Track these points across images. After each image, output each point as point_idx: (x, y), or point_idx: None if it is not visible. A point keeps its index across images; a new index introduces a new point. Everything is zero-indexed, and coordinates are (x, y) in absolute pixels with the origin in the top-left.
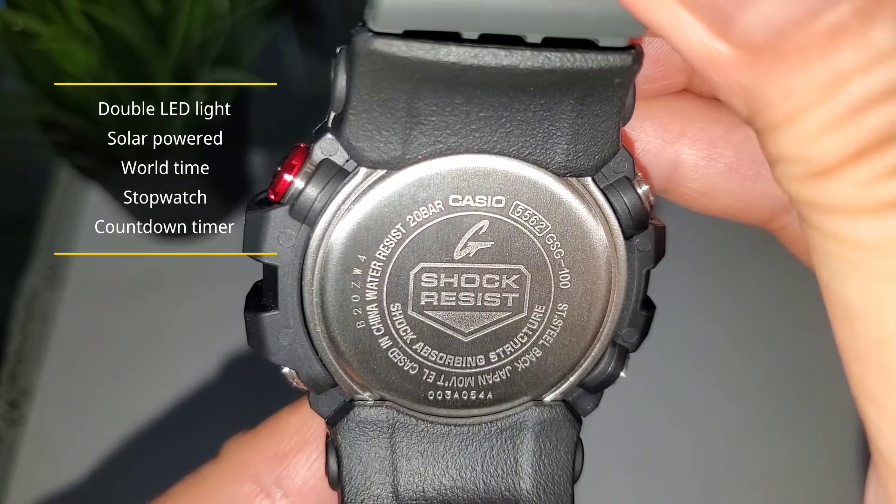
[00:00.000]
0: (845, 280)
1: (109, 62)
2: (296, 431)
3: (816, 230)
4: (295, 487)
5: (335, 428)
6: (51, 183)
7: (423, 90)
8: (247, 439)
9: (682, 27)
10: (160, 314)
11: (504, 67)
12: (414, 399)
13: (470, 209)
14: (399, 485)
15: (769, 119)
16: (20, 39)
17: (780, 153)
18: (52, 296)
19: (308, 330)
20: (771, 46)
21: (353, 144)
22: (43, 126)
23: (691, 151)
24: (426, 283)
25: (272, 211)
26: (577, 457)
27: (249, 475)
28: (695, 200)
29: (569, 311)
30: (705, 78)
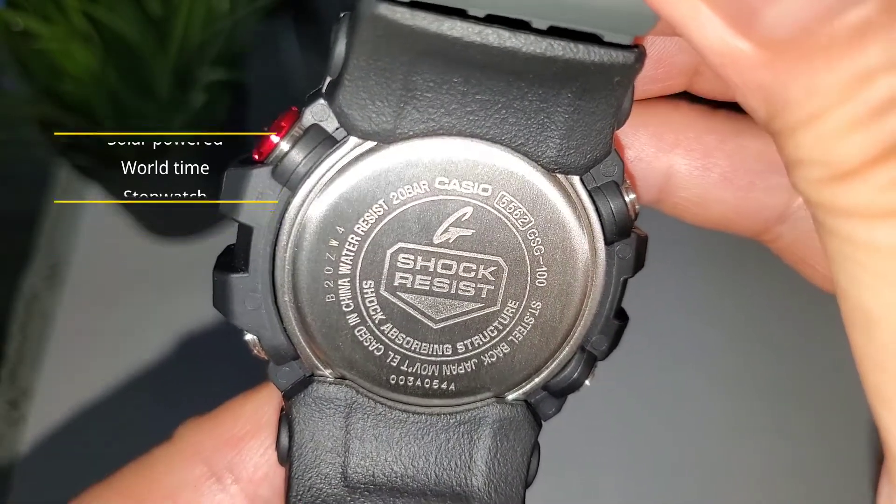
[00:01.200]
0: (864, 286)
1: (109, 62)
2: (251, 417)
3: (834, 235)
4: (247, 473)
5: (291, 401)
6: (51, 183)
7: (422, 63)
8: (201, 423)
9: (702, 23)
10: (160, 314)
11: (506, 49)
12: (375, 381)
13: (455, 194)
14: (349, 466)
15: (789, 119)
16: (20, 39)
17: (799, 155)
18: (52, 296)
19: (276, 297)
20: (794, 44)
21: (344, 111)
22: (43, 126)
23: (685, 161)
24: (402, 263)
25: (254, 169)
26: (532, 460)
27: (201, 459)
28: (688, 211)
29: (542, 310)
30: (722, 78)
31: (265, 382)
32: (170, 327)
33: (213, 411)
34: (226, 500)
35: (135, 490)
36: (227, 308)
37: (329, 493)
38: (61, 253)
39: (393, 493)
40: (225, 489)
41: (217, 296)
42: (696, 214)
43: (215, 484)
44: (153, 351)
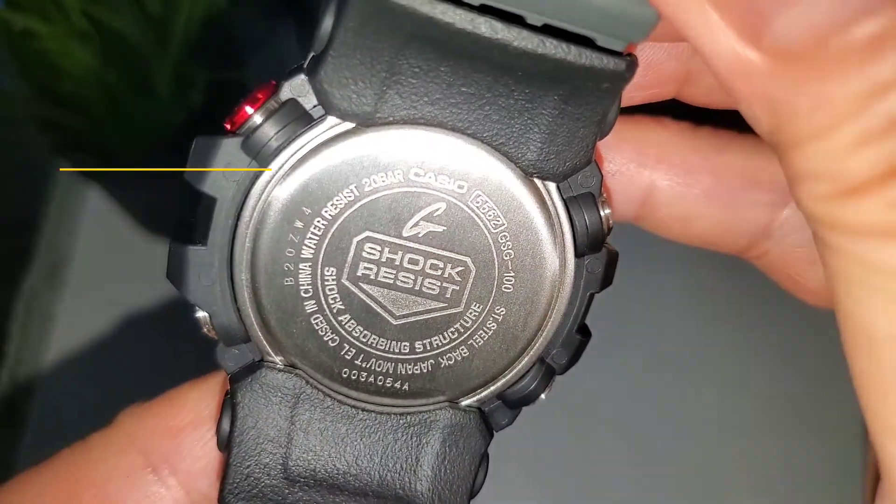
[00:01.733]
0: (870, 307)
1: (109, 62)
2: (193, 407)
3: (838, 254)
4: (184, 465)
5: (237, 385)
6: (51, 183)
7: (410, 47)
8: (142, 410)
9: (712, 31)
10: (160, 314)
11: (498, 41)
12: (326, 373)
13: (430, 187)
14: (290, 458)
15: (797, 132)
16: (20, 39)
17: (806, 169)
18: (52, 296)
19: (232, 274)
20: (805, 54)
21: (325, 88)
22: (43, 126)
23: (667, 177)
24: (368, 253)
25: (224, 139)
26: (480, 471)
27: (138, 448)
28: (672, 227)
29: (505, 317)
30: (728, 87)
31: (212, 372)
32: (170, 327)
33: (156, 398)
34: (161, 491)
35: (66, 477)
36: (180, 281)
37: (267, 484)
38: (61, 253)
39: (333, 490)
40: (161, 480)
41: (171, 267)
42: (679, 231)
43: (152, 475)
44: (153, 351)
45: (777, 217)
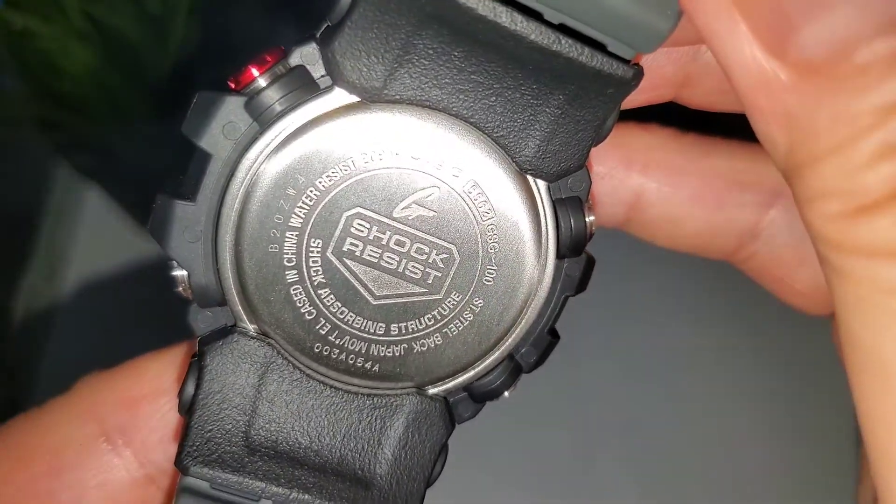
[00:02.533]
0: (882, 331)
1: (109, 61)
2: (153, 378)
3: (848, 276)
4: (140, 437)
5: (206, 348)
6: (51, 183)
7: (428, 28)
8: (100, 379)
9: (738, 40)
10: (160, 314)
11: (515, 33)
12: (299, 346)
13: (426, 171)
14: (253, 427)
15: (814, 148)
16: (20, 39)
17: (820, 188)
18: (52, 296)
19: (217, 235)
20: (829, 67)
21: (336, 59)
22: (43, 126)
23: (655, 179)
24: (356, 229)
25: (228, 96)
26: (438, 460)
27: (95, 416)
28: (660, 230)
29: (482, 309)
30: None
31: (174, 344)
32: (170, 327)
33: (116, 367)
34: (115, 461)
35: (18, 442)
36: (163, 235)
37: (227, 450)
38: (61, 252)
39: (293, 463)
40: (116, 451)
41: (155, 220)
42: (668, 234)
43: (105, 444)
44: (153, 350)
45: (764, 218)
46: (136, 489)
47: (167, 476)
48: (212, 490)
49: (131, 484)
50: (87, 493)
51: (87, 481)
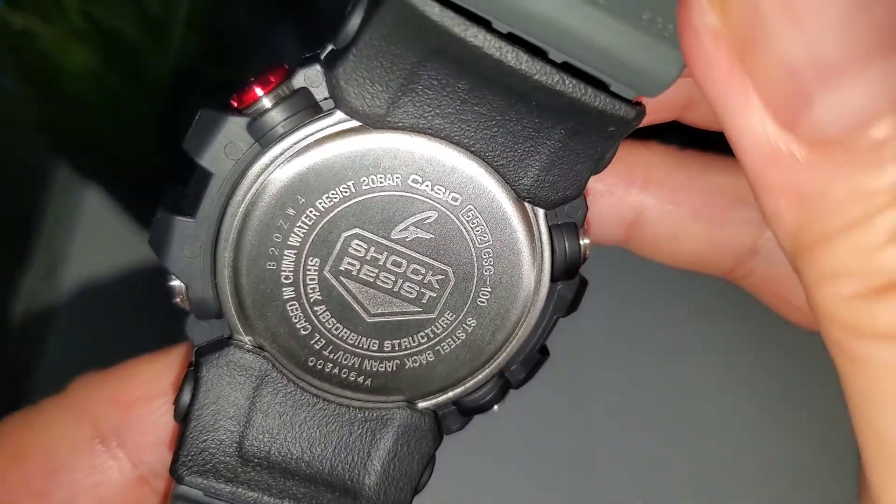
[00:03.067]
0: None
1: (109, 62)
2: (149, 380)
3: (863, 362)
4: (134, 439)
5: (203, 359)
6: (50, 183)
7: (433, 60)
8: (96, 379)
9: (749, 111)
10: (159, 315)
11: (520, 71)
12: (293, 359)
13: (425, 195)
14: (247, 438)
15: (827, 226)
16: (19, 39)
17: (831, 269)
18: (52, 296)
19: (216, 251)
20: (844, 140)
21: (341, 84)
22: (42, 126)
23: (655, 196)
24: (354, 250)
25: (231, 117)
26: (426, 472)
27: (89, 417)
28: (660, 247)
29: (475, 329)
30: (756, 177)
31: (170, 346)
32: (168, 328)
33: (112, 368)
34: (108, 463)
35: (12, 440)
36: (163, 250)
37: (220, 461)
38: (61, 253)
39: (285, 474)
40: (109, 452)
41: (156, 235)
42: (668, 251)
43: (99, 445)
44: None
45: (763, 234)
46: (129, 490)
47: (160, 478)
48: (205, 498)
49: (125, 485)
50: (80, 493)
51: (80, 482)
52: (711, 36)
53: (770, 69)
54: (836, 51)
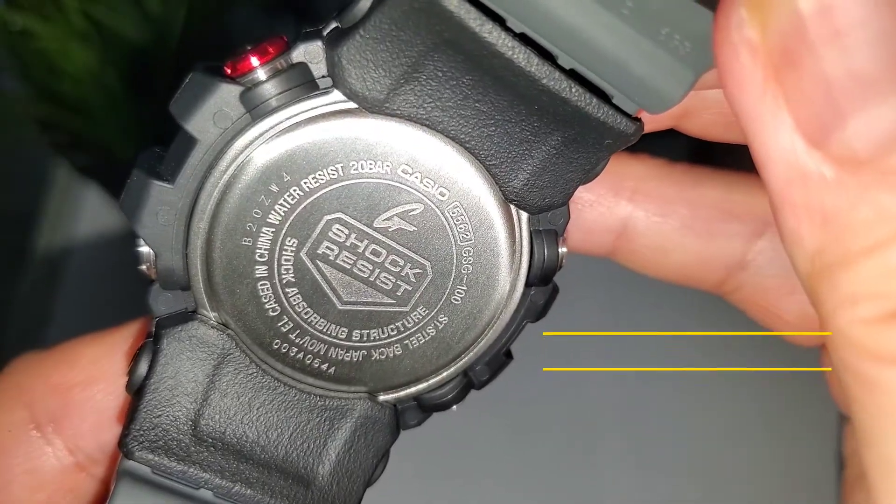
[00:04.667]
0: None
1: (109, 61)
2: (89, 364)
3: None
4: (71, 425)
5: (164, 331)
6: (50, 183)
7: (442, 52)
8: (34, 362)
9: (779, 129)
10: None
11: (529, 73)
12: (258, 340)
13: (413, 187)
14: (202, 416)
15: (850, 248)
16: (19, 39)
17: (853, 291)
18: (52, 296)
19: (191, 220)
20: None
21: (342, 64)
22: (42, 126)
23: (644, 207)
24: (334, 234)
25: (224, 84)
26: (380, 465)
27: (25, 401)
28: (649, 259)
29: (446, 326)
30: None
31: (113, 328)
32: None
33: (51, 350)
34: (44, 449)
35: None
36: (135, 214)
37: (173, 437)
38: (60, 253)
39: (238, 457)
40: (45, 438)
41: (129, 197)
42: (656, 263)
43: (35, 431)
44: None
45: (753, 248)
46: (66, 476)
47: (98, 464)
48: (152, 475)
49: (61, 472)
50: (14, 479)
51: (15, 468)
52: (749, 49)
53: (805, 85)
54: (874, 69)
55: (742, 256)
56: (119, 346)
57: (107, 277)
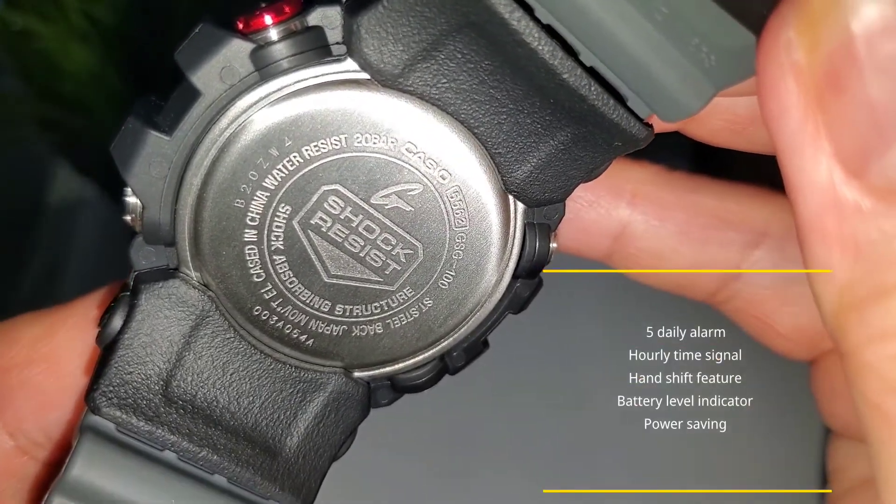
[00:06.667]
0: None
1: (109, 62)
2: (28, 345)
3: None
4: (11, 408)
5: (143, 286)
6: (51, 183)
7: (465, 33)
8: None
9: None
10: None
11: (551, 66)
12: (238, 305)
13: (415, 166)
14: (174, 377)
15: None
16: (19, 39)
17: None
18: (52, 296)
19: (184, 175)
20: None
21: (361, 33)
22: (43, 126)
23: (643, 212)
24: (329, 205)
25: (234, 39)
26: (347, 441)
27: None
28: (643, 264)
29: (430, 309)
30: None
31: (58, 306)
32: None
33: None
34: None
35: None
36: (127, 162)
37: (143, 396)
38: (61, 253)
39: (207, 422)
40: None
41: (123, 144)
42: (652, 268)
43: None
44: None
45: (749, 257)
46: (6, 461)
47: (41, 448)
48: (116, 432)
49: (2, 455)
50: None
51: None
52: (795, 73)
53: (848, 111)
54: None
55: (737, 265)
56: (60, 326)
57: (107, 277)
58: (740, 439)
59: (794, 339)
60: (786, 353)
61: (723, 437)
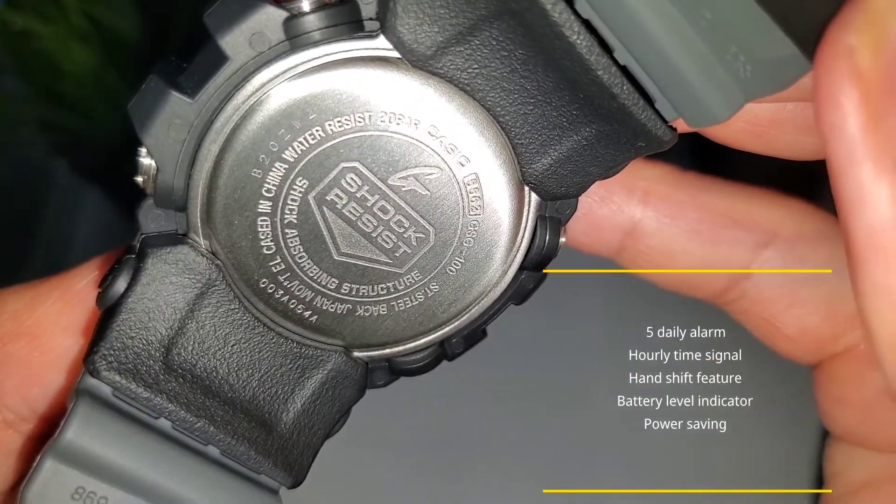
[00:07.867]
0: None
1: (109, 61)
2: (10, 318)
3: None
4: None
5: (150, 250)
6: (51, 183)
7: (505, 21)
8: None
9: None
10: None
11: (586, 61)
12: (245, 276)
13: (436, 150)
14: (175, 345)
15: None
16: (19, 39)
17: None
18: None
19: (202, 141)
20: None
21: (396, 11)
22: (43, 126)
23: (654, 208)
24: (347, 183)
25: (268, 6)
26: (341, 420)
27: None
28: (654, 262)
29: (435, 295)
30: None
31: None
32: None
33: None
34: None
35: None
36: (146, 122)
37: (143, 362)
38: (61, 253)
39: (206, 392)
40: None
41: (143, 102)
42: (662, 266)
43: None
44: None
45: (758, 257)
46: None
47: (26, 421)
48: (112, 397)
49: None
50: None
51: None
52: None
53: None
54: None
55: (747, 265)
56: (44, 299)
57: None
58: (740, 439)
59: (799, 342)
60: (790, 356)
61: (723, 437)
